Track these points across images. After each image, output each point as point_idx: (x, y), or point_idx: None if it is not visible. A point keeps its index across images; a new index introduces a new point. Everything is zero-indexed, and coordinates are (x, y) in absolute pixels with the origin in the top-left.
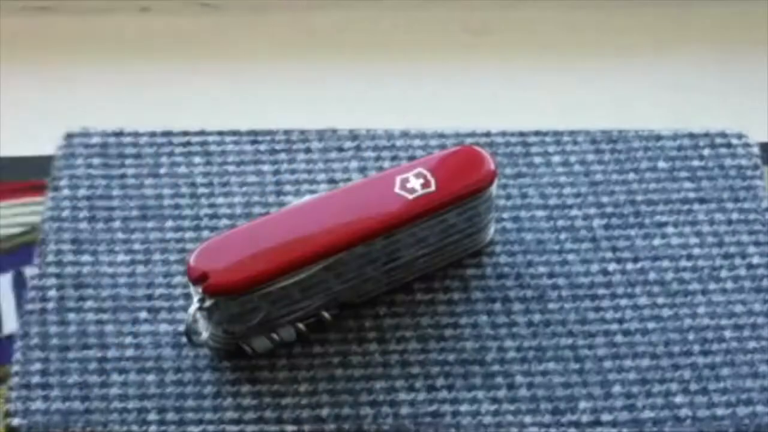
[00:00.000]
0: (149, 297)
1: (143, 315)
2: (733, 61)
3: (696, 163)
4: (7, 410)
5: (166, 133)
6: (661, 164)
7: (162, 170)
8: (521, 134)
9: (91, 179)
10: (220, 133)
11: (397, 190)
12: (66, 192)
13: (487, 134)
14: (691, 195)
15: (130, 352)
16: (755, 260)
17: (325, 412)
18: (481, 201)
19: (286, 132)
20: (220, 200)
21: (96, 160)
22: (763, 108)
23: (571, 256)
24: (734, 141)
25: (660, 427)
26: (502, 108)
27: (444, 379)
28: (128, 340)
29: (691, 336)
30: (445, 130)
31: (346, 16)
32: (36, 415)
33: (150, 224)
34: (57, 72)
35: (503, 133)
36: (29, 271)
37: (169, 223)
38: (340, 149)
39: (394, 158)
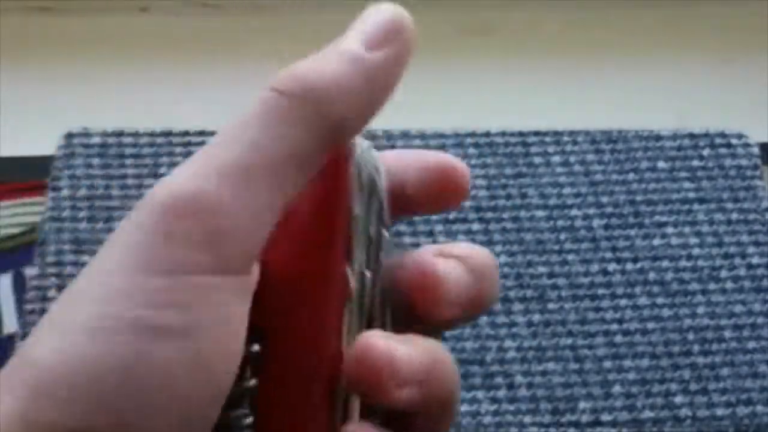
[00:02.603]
0: None
1: None
2: (733, 61)
3: (696, 163)
4: None
5: (166, 133)
6: (661, 164)
7: (162, 170)
8: (521, 134)
9: (91, 179)
10: None
11: None
12: (66, 192)
13: (487, 134)
14: (691, 195)
15: None
16: (755, 260)
17: None
18: None
19: None
20: None
21: (96, 160)
22: (763, 108)
23: (571, 256)
24: (734, 141)
25: (660, 427)
26: (502, 108)
27: None
28: None
29: (690, 336)
30: (445, 130)
31: (345, 17)
32: None
33: None
34: (57, 72)
35: (503, 133)
36: (29, 271)
37: None
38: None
39: None
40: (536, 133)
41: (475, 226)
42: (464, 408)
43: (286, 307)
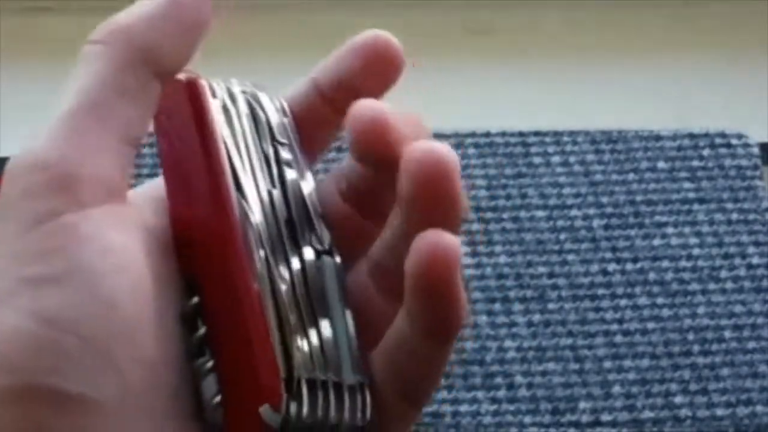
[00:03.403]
0: None
1: None
2: (733, 61)
3: (696, 163)
4: None
5: None
6: (661, 164)
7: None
8: (521, 134)
9: None
10: None
11: None
12: None
13: (487, 134)
14: (691, 195)
15: None
16: (755, 260)
17: None
18: None
19: None
20: None
21: None
22: (763, 108)
23: (571, 256)
24: (734, 141)
25: (660, 427)
26: (502, 108)
27: (444, 379)
28: None
29: (690, 336)
30: (445, 130)
31: (345, 17)
32: None
33: None
34: (57, 72)
35: (503, 133)
36: None
37: None
38: (340, 149)
39: None
40: (536, 133)
41: (475, 226)
42: (464, 408)
43: (197, 250)
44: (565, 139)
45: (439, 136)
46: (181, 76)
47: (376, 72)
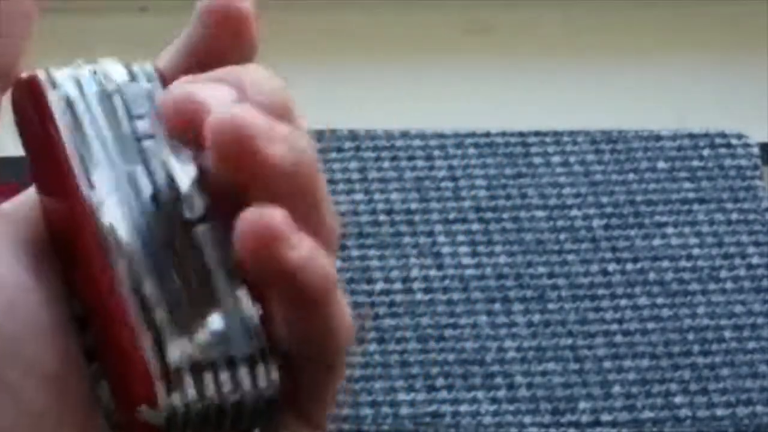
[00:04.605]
0: None
1: None
2: (733, 61)
3: (696, 163)
4: None
5: None
6: (661, 164)
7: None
8: (521, 134)
9: None
10: None
11: None
12: None
13: (487, 134)
14: (691, 195)
15: None
16: (755, 260)
17: None
18: None
19: None
20: None
21: None
22: (763, 108)
23: (571, 256)
24: (734, 141)
25: (660, 428)
26: (502, 108)
27: (444, 379)
28: None
29: (690, 336)
30: (445, 130)
31: (345, 17)
32: None
33: None
34: None
35: (503, 133)
36: None
37: None
38: (340, 149)
39: (393, 158)
40: (536, 133)
41: (475, 226)
42: (464, 408)
43: (62, 254)
44: (565, 139)
45: (439, 136)
46: (23, 73)
47: (226, 32)
